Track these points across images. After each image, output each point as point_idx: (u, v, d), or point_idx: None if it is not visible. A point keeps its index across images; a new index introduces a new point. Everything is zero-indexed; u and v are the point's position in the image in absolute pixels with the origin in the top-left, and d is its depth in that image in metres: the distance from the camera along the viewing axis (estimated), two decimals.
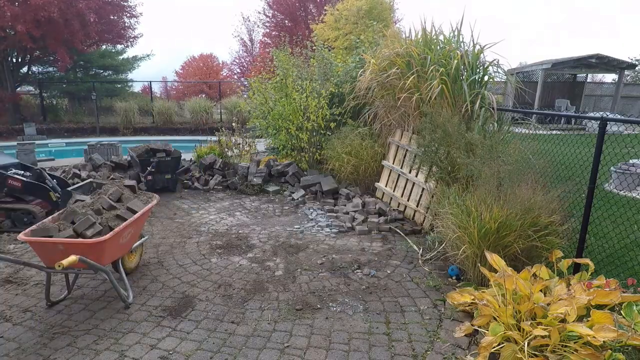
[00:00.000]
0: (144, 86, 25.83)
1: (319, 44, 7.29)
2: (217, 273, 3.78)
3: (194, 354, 2.61)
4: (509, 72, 5.39)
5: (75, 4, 14.40)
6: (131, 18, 18.38)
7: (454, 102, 4.75)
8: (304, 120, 6.61)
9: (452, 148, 4.25)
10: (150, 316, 3.04)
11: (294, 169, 6.92)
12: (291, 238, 4.67)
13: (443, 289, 3.46)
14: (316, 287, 3.49)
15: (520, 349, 2.35)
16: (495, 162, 3.69)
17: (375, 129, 6.04)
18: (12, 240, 4.58)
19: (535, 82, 17.12)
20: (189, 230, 4.95)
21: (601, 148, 3.15)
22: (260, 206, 6.00)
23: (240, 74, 28.88)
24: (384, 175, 5.93)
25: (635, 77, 25.31)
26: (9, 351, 2.62)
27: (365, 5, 14.50)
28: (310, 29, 17.56)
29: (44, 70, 19.88)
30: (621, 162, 6.38)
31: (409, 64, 5.13)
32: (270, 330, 2.87)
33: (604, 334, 2.22)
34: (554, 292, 2.74)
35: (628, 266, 3.51)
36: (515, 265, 3.19)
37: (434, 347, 2.68)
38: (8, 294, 3.38)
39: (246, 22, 35.16)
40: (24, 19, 13.24)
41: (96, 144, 9.69)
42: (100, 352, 2.62)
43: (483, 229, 3.22)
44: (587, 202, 3.31)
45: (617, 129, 3.27)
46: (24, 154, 9.07)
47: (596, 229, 4.03)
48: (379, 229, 4.89)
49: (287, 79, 6.73)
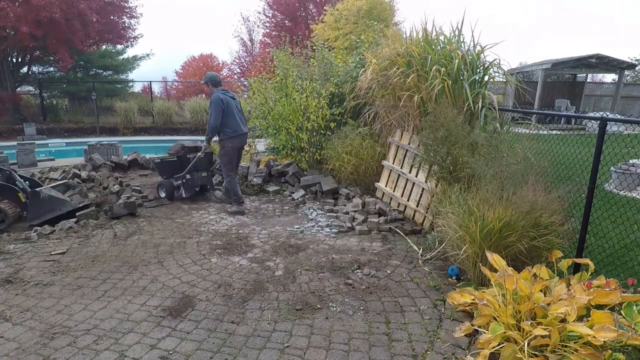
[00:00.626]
0: (144, 86, 25.86)
1: (319, 44, 7.29)
2: (217, 273, 3.78)
3: (194, 354, 2.61)
4: (509, 72, 5.39)
5: (76, 4, 14.42)
6: (131, 18, 18.41)
7: (455, 101, 4.75)
8: (304, 120, 6.61)
9: (455, 147, 4.25)
10: (150, 316, 3.04)
11: (294, 169, 6.92)
12: (291, 238, 4.67)
13: (443, 289, 3.46)
14: (316, 287, 3.49)
15: (520, 349, 2.35)
16: (499, 162, 3.69)
17: (376, 129, 6.04)
18: (12, 241, 4.58)
19: (535, 82, 17.11)
20: (189, 230, 4.94)
21: (601, 148, 3.15)
22: (260, 206, 6.00)
23: (240, 74, 28.88)
24: (383, 175, 5.93)
25: (635, 77, 25.32)
26: (9, 351, 2.62)
27: (365, 5, 14.50)
28: (310, 29, 17.55)
29: (44, 70, 19.91)
30: (621, 162, 6.38)
31: (409, 63, 5.13)
32: (270, 330, 2.87)
33: (604, 333, 2.22)
34: (554, 292, 2.74)
35: (628, 266, 3.51)
36: (515, 265, 3.19)
37: (434, 347, 2.68)
38: (8, 294, 3.38)
39: (246, 22, 35.19)
40: (26, 20, 13.26)
41: (96, 144, 9.70)
42: (100, 352, 2.62)
43: (485, 228, 3.22)
44: (587, 202, 3.31)
45: (617, 129, 3.27)
46: (24, 154, 9.08)
47: (596, 229, 4.03)
48: (379, 229, 4.89)
49: (287, 79, 6.72)
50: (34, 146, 9.42)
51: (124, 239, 4.65)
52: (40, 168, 8.47)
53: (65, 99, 20.24)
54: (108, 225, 5.05)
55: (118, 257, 4.14)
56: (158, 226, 5.08)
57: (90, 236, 4.72)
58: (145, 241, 4.58)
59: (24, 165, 8.97)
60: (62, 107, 19.23)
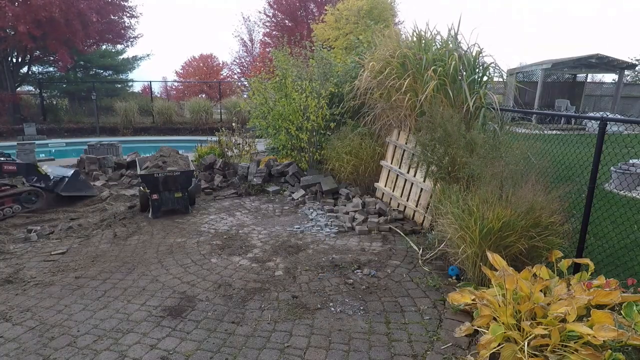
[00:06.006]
0: (144, 86, 25.86)
1: (318, 44, 7.29)
2: (217, 273, 3.78)
3: (194, 354, 2.61)
4: (509, 72, 5.40)
5: (76, 4, 14.41)
6: (131, 18, 18.41)
7: (454, 102, 4.75)
8: (304, 120, 6.61)
9: (452, 148, 4.24)
10: (150, 316, 3.04)
11: (294, 169, 6.92)
12: (291, 238, 4.67)
13: (443, 289, 3.46)
14: (316, 287, 3.49)
15: (520, 349, 2.35)
16: (498, 162, 3.68)
17: (375, 129, 6.04)
18: (12, 241, 4.58)
19: (535, 82, 17.11)
20: (189, 230, 4.94)
21: (601, 148, 3.15)
22: (260, 206, 6.00)
23: (241, 74, 28.90)
24: (383, 175, 5.93)
25: (635, 77, 25.31)
26: (9, 351, 2.62)
27: (366, 5, 14.49)
28: (310, 28, 17.56)
29: (44, 70, 19.91)
30: (621, 162, 6.38)
31: (404, 64, 5.14)
32: (270, 330, 2.87)
33: (604, 333, 2.22)
34: (554, 292, 2.74)
35: (628, 266, 3.51)
36: (515, 265, 3.19)
37: (434, 347, 2.67)
38: (8, 294, 3.38)
39: (246, 22, 35.25)
40: (25, 19, 13.25)
41: (96, 144, 9.69)
42: (100, 352, 2.62)
43: (485, 228, 3.22)
44: (587, 202, 3.31)
45: (617, 129, 3.28)
46: (24, 154, 9.07)
47: (596, 229, 4.02)
48: (379, 229, 4.89)
49: (287, 79, 6.72)
50: (34, 146, 9.41)
51: (124, 239, 4.65)
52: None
53: (65, 99, 20.23)
54: (108, 226, 5.06)
55: (118, 257, 4.14)
56: (158, 226, 5.08)
57: (90, 236, 4.72)
58: (145, 241, 4.58)
59: None
60: (62, 107, 19.20)
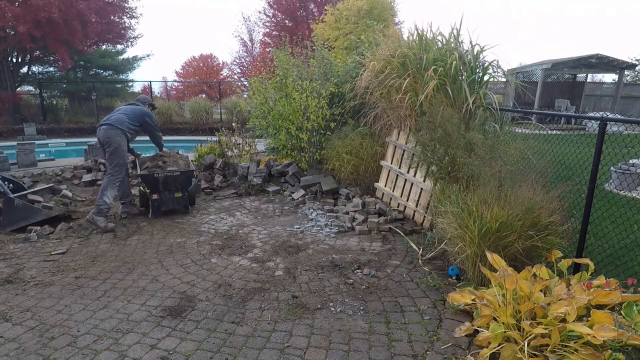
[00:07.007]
0: (144, 86, 25.83)
1: (319, 44, 7.29)
2: (217, 273, 3.78)
3: (194, 354, 2.61)
4: (509, 72, 5.40)
5: (75, 4, 14.41)
6: (131, 18, 18.41)
7: (454, 102, 4.75)
8: (304, 120, 6.61)
9: (452, 148, 4.25)
10: (150, 316, 3.04)
11: (294, 169, 6.92)
12: (291, 238, 4.67)
13: (443, 289, 3.46)
14: (316, 287, 3.49)
15: (520, 349, 2.35)
16: (496, 162, 3.69)
17: (376, 129, 6.04)
18: (12, 241, 4.58)
19: (535, 82, 17.11)
20: (189, 230, 4.94)
21: (601, 148, 3.15)
22: (260, 206, 6.00)
23: (241, 74, 28.90)
24: (382, 175, 5.93)
25: (635, 77, 25.32)
26: (9, 351, 2.62)
27: (366, 5, 14.48)
28: (310, 28, 17.56)
29: (44, 70, 19.91)
30: (621, 162, 6.38)
31: (404, 64, 5.14)
32: (270, 330, 2.87)
33: (604, 333, 2.22)
34: (554, 292, 2.74)
35: (628, 266, 3.51)
36: (515, 265, 3.19)
37: (434, 347, 2.68)
38: (8, 294, 3.38)
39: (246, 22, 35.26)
40: (24, 20, 13.25)
41: (96, 144, 9.68)
42: (100, 352, 2.62)
43: (484, 228, 3.22)
44: (587, 202, 3.30)
45: (617, 129, 3.28)
46: (24, 154, 9.07)
47: (596, 229, 4.02)
48: (379, 229, 4.89)
49: (287, 79, 6.72)
50: (33, 146, 9.41)
51: (124, 239, 4.66)
52: (42, 168, 8.46)
53: (65, 99, 20.24)
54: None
55: (118, 257, 4.14)
56: (158, 226, 5.08)
57: (90, 236, 4.72)
58: (145, 241, 4.58)
59: (24, 165, 8.96)
60: (62, 107, 19.21)
